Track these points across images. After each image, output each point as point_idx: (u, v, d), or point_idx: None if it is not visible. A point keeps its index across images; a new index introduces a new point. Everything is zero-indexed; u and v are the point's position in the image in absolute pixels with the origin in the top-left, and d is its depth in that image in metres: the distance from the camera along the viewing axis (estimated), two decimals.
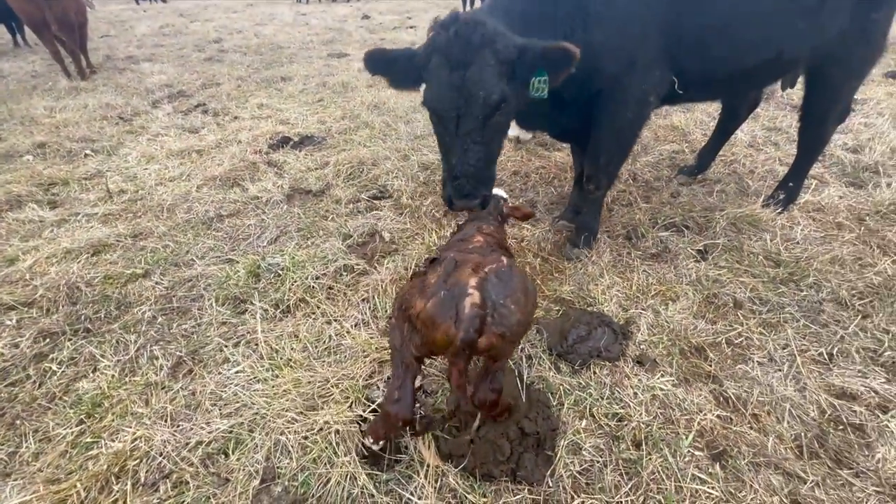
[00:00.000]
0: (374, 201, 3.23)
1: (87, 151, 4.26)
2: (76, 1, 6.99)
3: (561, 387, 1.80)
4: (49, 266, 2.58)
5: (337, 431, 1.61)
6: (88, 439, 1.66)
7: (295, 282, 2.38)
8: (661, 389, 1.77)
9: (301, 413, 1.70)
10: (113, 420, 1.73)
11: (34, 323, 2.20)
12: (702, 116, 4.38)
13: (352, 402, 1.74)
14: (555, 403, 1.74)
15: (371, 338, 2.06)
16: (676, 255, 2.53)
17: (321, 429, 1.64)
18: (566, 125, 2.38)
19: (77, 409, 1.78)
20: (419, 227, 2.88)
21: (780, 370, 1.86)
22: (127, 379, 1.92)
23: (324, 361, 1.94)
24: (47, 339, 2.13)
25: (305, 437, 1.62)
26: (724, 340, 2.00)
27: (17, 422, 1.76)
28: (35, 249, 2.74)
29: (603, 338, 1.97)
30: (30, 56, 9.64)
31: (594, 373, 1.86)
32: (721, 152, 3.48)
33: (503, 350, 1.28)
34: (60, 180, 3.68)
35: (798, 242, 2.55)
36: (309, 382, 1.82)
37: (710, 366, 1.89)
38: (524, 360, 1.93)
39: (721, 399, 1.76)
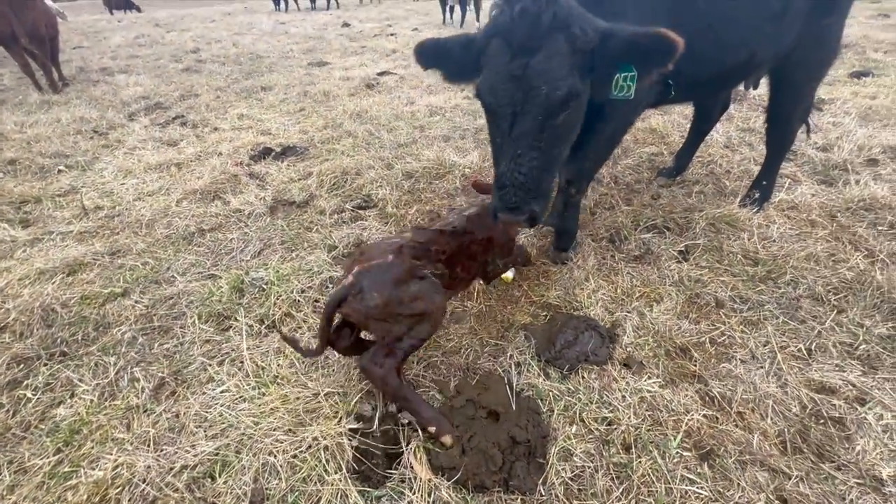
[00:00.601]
0: (359, 211, 3.21)
1: (61, 167, 4.15)
2: (46, 12, 6.83)
3: (550, 393, 1.81)
4: (22, 288, 2.49)
5: (326, 448, 1.59)
6: (67, 469, 1.60)
7: (280, 296, 2.34)
8: (649, 391, 1.79)
9: (289, 431, 1.67)
10: (93, 447, 1.67)
11: (7, 348, 2.12)
12: (679, 119, 4.48)
13: (341, 417, 1.72)
14: (545, 410, 1.75)
15: None
16: (659, 256, 2.57)
17: (310, 446, 1.61)
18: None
19: (54, 438, 1.71)
20: None
21: (762, 367, 1.90)
22: (107, 403, 1.86)
23: (311, 377, 1.91)
24: (21, 365, 2.05)
25: (294, 456, 1.59)
26: (707, 340, 2.04)
27: None
28: (7, 271, 2.65)
29: (590, 342, 1.99)
30: None
31: (583, 377, 1.88)
32: (698, 153, 3.56)
33: (366, 324, 1.65)
34: (33, 198, 3.57)
35: (775, 240, 2.62)
36: (297, 398, 1.80)
37: (695, 366, 1.92)
38: (513, 367, 1.93)
39: (707, 398, 1.79)
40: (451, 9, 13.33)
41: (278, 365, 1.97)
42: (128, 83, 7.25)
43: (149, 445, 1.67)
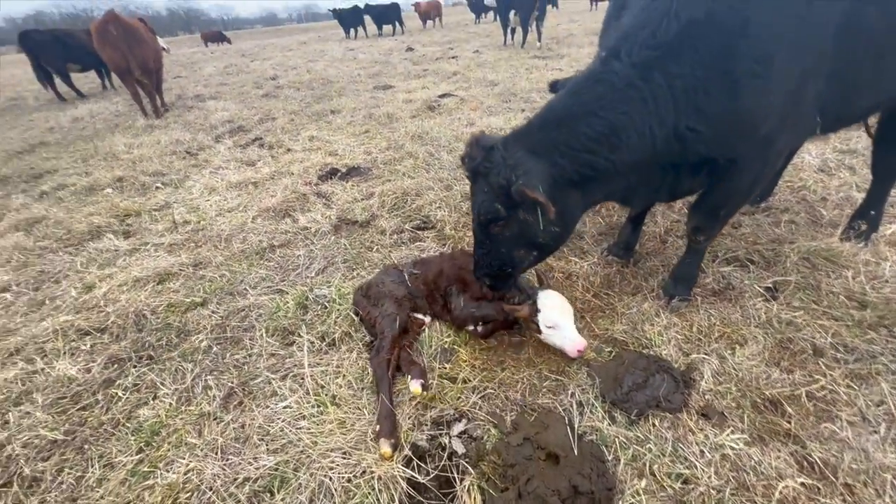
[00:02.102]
0: (418, 232, 3.26)
1: (158, 184, 4.66)
2: (154, 48, 7.84)
3: (616, 439, 1.67)
4: (120, 294, 2.79)
5: (379, 478, 1.57)
6: (146, 468, 1.73)
7: (340, 314, 2.41)
8: (732, 448, 1.59)
9: (345, 454, 1.68)
10: (168, 450, 1.79)
11: (105, 349, 2.37)
12: None
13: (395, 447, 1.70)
14: (610, 458, 1.61)
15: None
16: (742, 292, 2.33)
17: (364, 472, 1.61)
18: (684, 191, 2.20)
19: (138, 437, 1.86)
20: None
21: (875, 432, 1.63)
22: (183, 408, 2.00)
23: (368, 400, 1.92)
24: (115, 365, 2.27)
25: (349, 480, 1.59)
26: (803, 393, 1.78)
27: (86, 446, 1.86)
28: (109, 277, 2.98)
29: (662, 385, 1.82)
30: (114, 97, 10.82)
31: (653, 425, 1.71)
32: (787, 178, 3.24)
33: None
34: (134, 212, 4.03)
35: (887, 281, 2.27)
36: (354, 423, 1.81)
37: (789, 423, 1.68)
38: (575, 406, 1.82)
39: (804, 463, 1.56)
40: (513, 30, 13.48)
41: (337, 384, 2.00)
42: (216, 108, 8.06)
43: (217, 453, 1.76)
